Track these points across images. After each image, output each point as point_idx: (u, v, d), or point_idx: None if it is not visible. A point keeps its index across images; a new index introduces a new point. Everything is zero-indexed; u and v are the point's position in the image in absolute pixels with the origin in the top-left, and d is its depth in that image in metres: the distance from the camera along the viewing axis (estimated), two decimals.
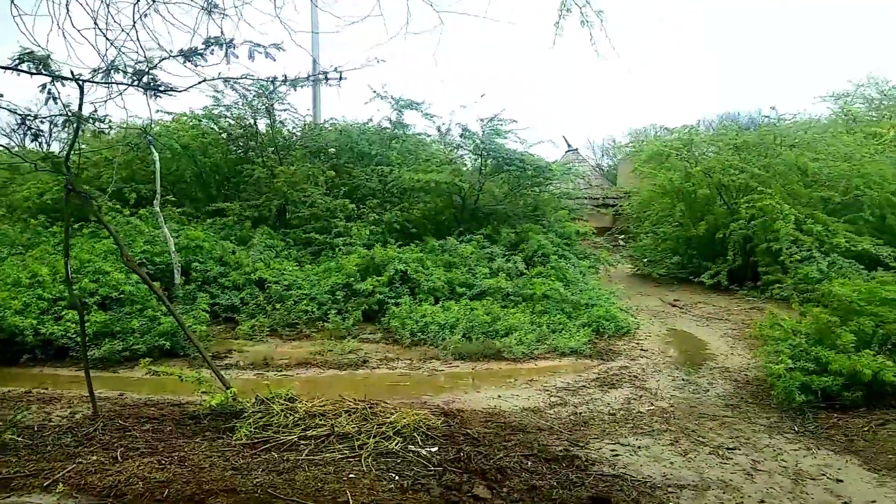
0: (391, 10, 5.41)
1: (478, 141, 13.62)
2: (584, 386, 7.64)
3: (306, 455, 5.09)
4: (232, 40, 4.73)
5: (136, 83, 5.04)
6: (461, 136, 14.08)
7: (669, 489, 4.79)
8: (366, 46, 5.65)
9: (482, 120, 13.56)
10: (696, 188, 15.15)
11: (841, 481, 4.99)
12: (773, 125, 17.59)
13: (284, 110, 14.31)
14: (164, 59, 4.98)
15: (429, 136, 15.75)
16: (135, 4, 4.96)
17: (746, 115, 31.03)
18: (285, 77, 5.38)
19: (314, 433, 5.50)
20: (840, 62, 55.39)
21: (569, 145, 30.09)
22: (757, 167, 14.39)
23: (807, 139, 15.49)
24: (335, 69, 5.07)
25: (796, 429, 6.11)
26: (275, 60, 4.75)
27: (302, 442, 5.38)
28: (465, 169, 14.96)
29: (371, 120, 15.64)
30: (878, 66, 52.49)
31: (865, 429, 6.06)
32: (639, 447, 5.65)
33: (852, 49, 55.28)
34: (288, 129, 15.11)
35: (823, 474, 5.12)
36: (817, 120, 23.88)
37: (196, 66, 4.85)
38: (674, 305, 12.82)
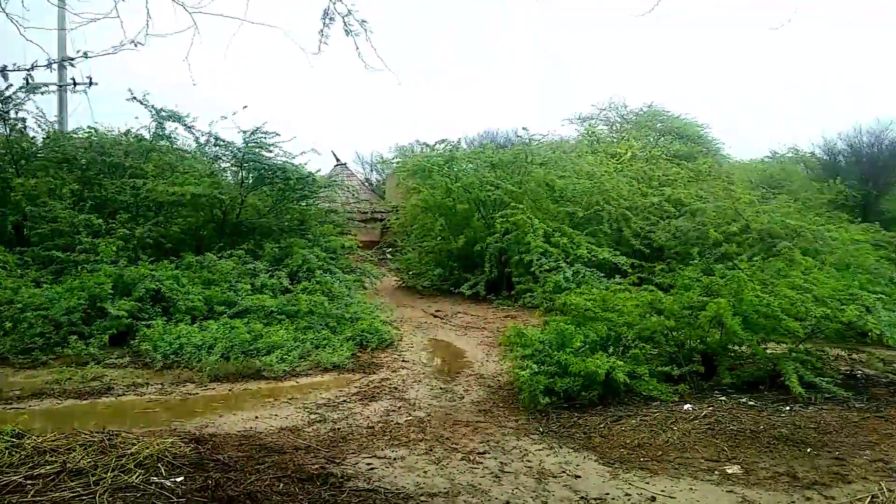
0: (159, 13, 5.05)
1: (236, 152, 13.20)
2: (344, 401, 7.59)
3: (32, 496, 4.55)
4: None
5: None
6: (216, 145, 13.54)
7: (422, 498, 4.86)
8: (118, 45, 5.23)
9: (245, 132, 13.18)
10: (455, 203, 15.77)
11: (579, 477, 5.34)
12: (526, 145, 18.81)
13: (21, 119, 12.95)
14: None
15: (189, 148, 14.97)
16: None
17: (504, 134, 32.88)
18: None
19: (43, 471, 4.94)
20: (587, 86, 60.69)
21: (337, 159, 30.17)
22: (511, 184, 15.28)
23: (555, 158, 16.74)
24: (87, 78, 4.61)
25: (541, 430, 6.48)
26: None
27: (28, 482, 4.81)
28: (226, 181, 14.40)
29: (130, 131, 14.54)
30: (618, 92, 58.10)
31: (601, 425, 6.55)
32: (395, 459, 5.68)
33: (599, 74, 60.78)
34: (28, 139, 13.64)
35: (564, 471, 5.45)
36: (566, 140, 25.98)
37: None
38: (436, 316, 13.21)
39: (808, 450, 5.82)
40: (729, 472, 5.39)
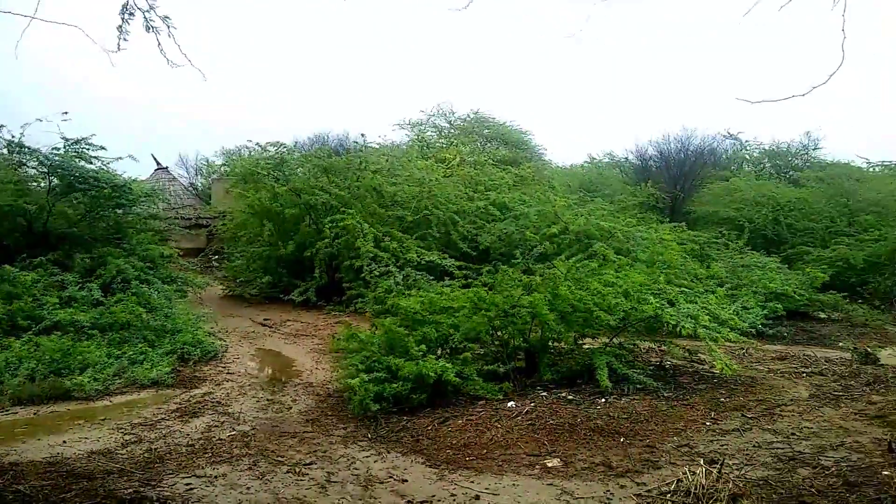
0: None
1: (43, 159, 12.22)
2: (163, 418, 7.18)
3: None
4: None
5: None
6: (18, 152, 12.47)
7: None
8: None
9: (68, 140, 12.29)
10: (284, 208, 15.41)
11: (406, 481, 5.34)
12: (360, 150, 18.77)
13: None
14: None
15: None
16: None
17: (336, 137, 32.56)
18: None
19: None
20: (418, 91, 61.54)
21: (158, 163, 28.67)
22: (342, 189, 15.16)
23: (386, 165, 16.79)
24: None
25: (370, 436, 6.44)
26: None
27: None
28: (35, 189, 13.27)
29: None
30: (446, 98, 59.29)
31: (430, 427, 6.61)
32: (216, 477, 5.43)
33: (427, 79, 61.76)
34: None
35: (391, 477, 5.43)
36: (398, 146, 26.16)
37: None
38: (264, 325, 12.85)
39: (622, 439, 6.15)
40: (549, 465, 5.58)
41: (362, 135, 22.41)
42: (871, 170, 26.80)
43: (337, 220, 14.06)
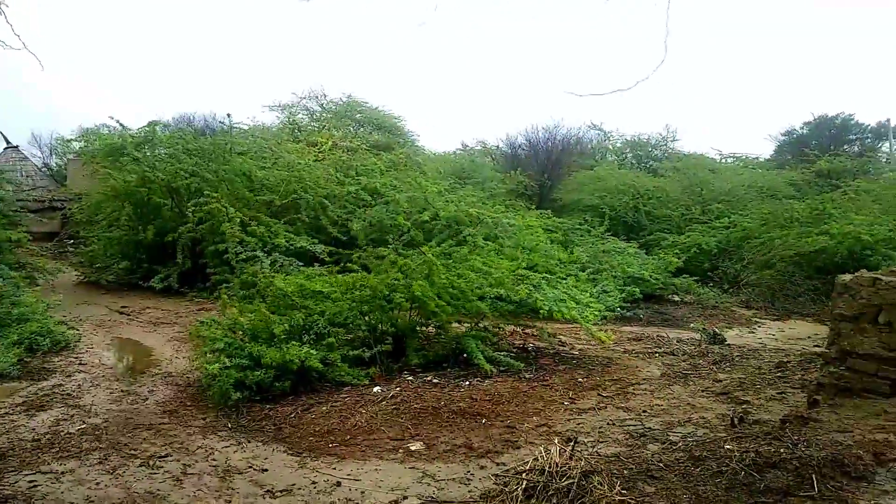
0: None
1: None
2: (6, 413, 6.71)
3: None
4: None
5: None
6: None
7: None
8: None
9: None
10: (148, 192, 14.71)
11: (266, 470, 5.23)
12: (226, 133, 18.15)
13: None
14: None
15: None
16: None
17: (202, 118, 31.40)
18: None
19: None
20: (290, 74, 60.17)
21: (7, 142, 26.77)
22: (208, 172, 14.63)
23: (254, 147, 16.34)
24: None
25: (230, 426, 6.27)
26: None
27: None
28: None
29: None
30: (319, 81, 58.34)
31: (293, 415, 6.51)
32: (63, 472, 5.14)
33: (298, 61, 60.49)
34: None
35: (251, 466, 5.31)
36: (268, 128, 25.51)
37: None
38: (122, 312, 12.24)
39: (484, 421, 6.28)
40: (412, 448, 5.62)
41: (228, 115, 21.58)
42: (723, 161, 28.55)
43: (200, 204, 13.57)
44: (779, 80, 60.34)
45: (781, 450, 5.06)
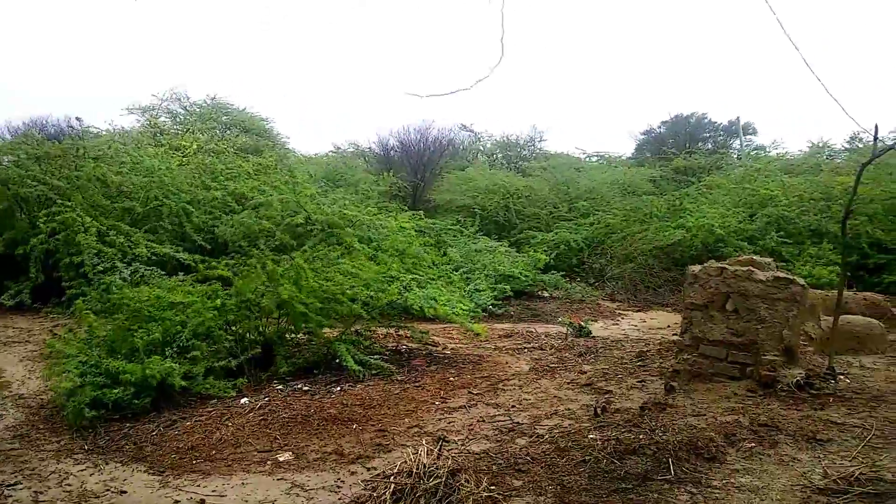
0: None
1: None
2: None
3: None
4: None
5: None
6: None
7: None
8: None
9: None
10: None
11: (125, 492, 4.99)
12: (79, 137, 17.18)
13: None
14: None
15: None
16: None
17: (56, 122, 29.65)
18: None
19: None
20: (149, 75, 57.74)
21: None
22: (59, 179, 13.80)
23: (110, 153, 15.55)
24: None
25: (87, 447, 5.93)
26: None
27: None
28: None
29: None
30: (181, 82, 56.22)
31: (154, 433, 6.22)
32: None
33: (159, 63, 58.14)
34: None
35: (109, 489, 5.04)
36: (128, 132, 24.37)
37: None
38: None
39: (355, 426, 6.23)
40: (281, 459, 5.51)
41: (77, 119, 20.45)
42: (587, 160, 29.67)
43: (52, 214, 12.78)
44: (639, 81, 63.25)
45: (640, 436, 5.31)
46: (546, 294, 15.23)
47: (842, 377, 6.65)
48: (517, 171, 27.65)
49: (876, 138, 6.88)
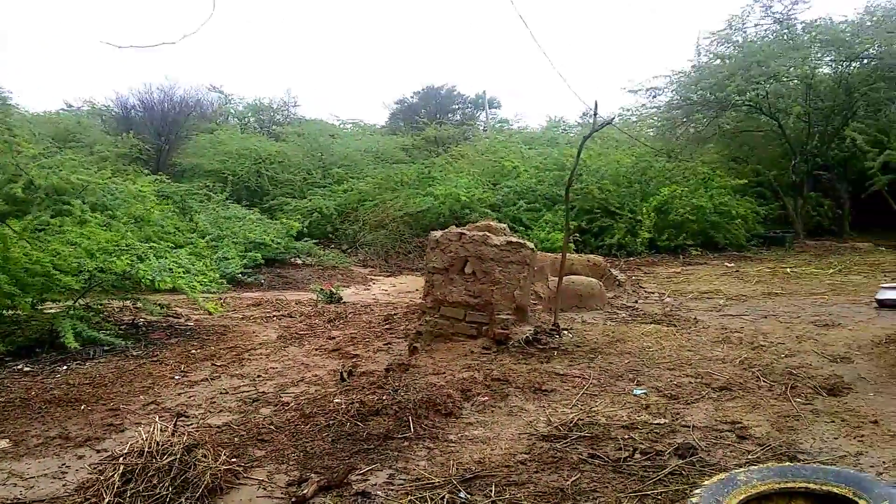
0: None
1: None
2: None
3: None
4: None
5: None
6: None
7: None
8: None
9: None
10: None
11: None
12: None
13: None
14: None
15: None
16: None
17: None
18: None
19: None
20: None
21: None
22: None
23: None
24: None
25: None
26: None
27: None
28: None
29: None
30: None
31: None
32: None
33: None
34: None
35: None
36: None
37: None
38: None
39: (83, 407, 5.75)
40: None
41: None
42: (342, 127, 29.65)
43: None
44: (393, 52, 64.26)
45: (384, 397, 5.41)
46: (299, 261, 15.08)
47: (566, 332, 7.25)
48: (270, 136, 26.95)
49: (595, 114, 7.53)
